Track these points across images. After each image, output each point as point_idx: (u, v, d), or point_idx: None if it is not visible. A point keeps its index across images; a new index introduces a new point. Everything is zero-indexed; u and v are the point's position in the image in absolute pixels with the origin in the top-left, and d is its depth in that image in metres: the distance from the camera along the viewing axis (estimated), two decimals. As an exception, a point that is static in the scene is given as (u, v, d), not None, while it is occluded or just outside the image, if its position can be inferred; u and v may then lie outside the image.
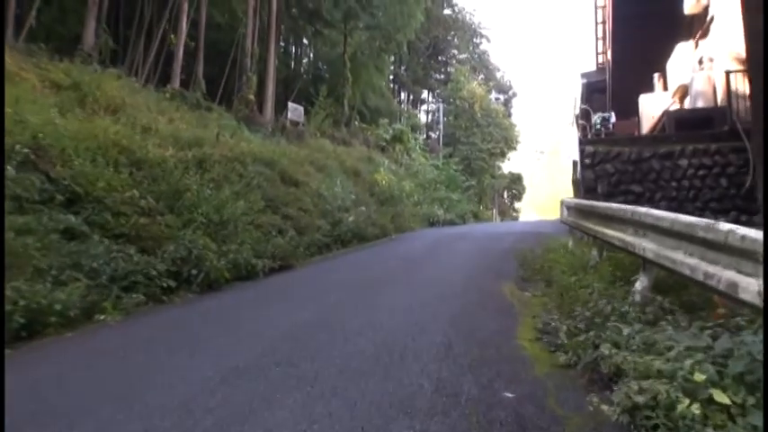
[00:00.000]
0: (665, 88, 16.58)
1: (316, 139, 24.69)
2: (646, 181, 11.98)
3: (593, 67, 24.03)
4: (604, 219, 7.12)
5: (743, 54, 12.61)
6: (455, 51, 65.78)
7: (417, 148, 40.74)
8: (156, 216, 10.01)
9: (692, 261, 4.49)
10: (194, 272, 9.23)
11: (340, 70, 35.49)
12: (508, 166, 66.95)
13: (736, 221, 10.49)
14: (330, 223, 15.97)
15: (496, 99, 65.59)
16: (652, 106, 15.92)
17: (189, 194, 11.30)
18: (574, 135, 21.35)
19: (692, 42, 15.15)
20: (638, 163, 12.06)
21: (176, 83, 21.04)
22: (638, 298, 5.52)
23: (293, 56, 43.21)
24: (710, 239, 4.21)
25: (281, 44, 38.20)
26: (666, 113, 13.41)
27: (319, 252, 14.11)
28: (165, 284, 8.61)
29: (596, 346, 4.67)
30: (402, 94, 60.53)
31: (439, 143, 49.79)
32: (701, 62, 14.39)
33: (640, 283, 5.63)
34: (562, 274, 8.09)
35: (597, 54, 23.41)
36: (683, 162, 11.85)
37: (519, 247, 13.19)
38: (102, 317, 7.20)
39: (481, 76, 63.91)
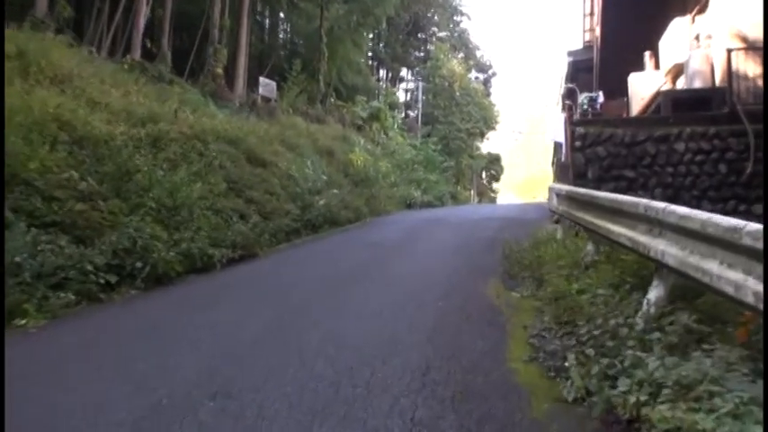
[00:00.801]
0: (657, 67, 15.65)
1: (288, 116, 23.43)
2: (640, 166, 11.09)
3: (579, 46, 23.02)
4: (608, 212, 6.14)
5: (744, 31, 11.75)
6: (435, 29, 64.52)
7: (395, 126, 39.58)
8: (98, 201, 8.84)
9: (735, 276, 3.53)
10: (139, 265, 8.15)
11: (316, 45, 34.03)
12: (486, 146, 66.31)
13: (735, 211, 9.70)
14: (300, 207, 14.89)
15: (476, 78, 64.58)
16: (643, 86, 15.01)
17: (139, 176, 10.17)
18: (558, 115, 20.45)
19: (687, 18, 14.17)
20: (632, 146, 11.14)
21: (137, 53, 19.61)
22: (652, 310, 4.58)
23: (268, 30, 41.66)
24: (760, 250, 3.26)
25: (256, 18, 36.80)
26: (662, 93, 12.51)
27: (287, 239, 13.06)
28: (103, 280, 7.53)
29: (611, 378, 3.74)
30: (380, 72, 59.19)
31: (417, 122, 48.64)
32: (697, 39, 13.47)
33: (654, 293, 4.68)
34: (554, 271, 7.15)
35: (584, 31, 22.41)
36: (680, 146, 10.96)
37: (503, 236, 12.24)
38: (22, 321, 6.13)
39: (461, 54, 62.76)
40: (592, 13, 20.99)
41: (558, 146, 26.48)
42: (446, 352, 4.76)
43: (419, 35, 63.34)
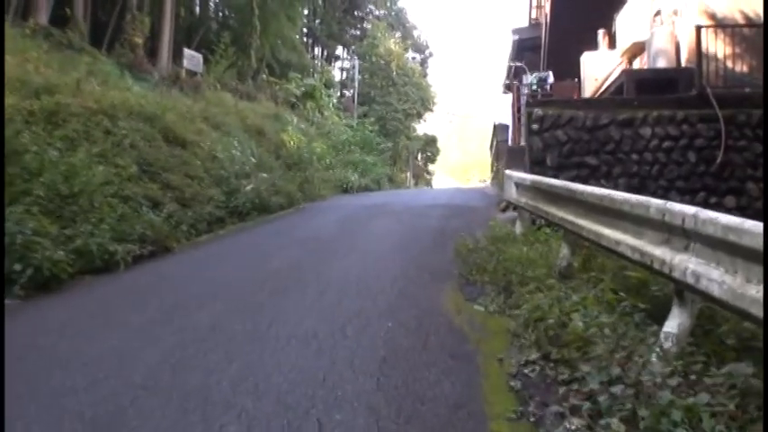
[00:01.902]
0: (612, 46, 14.89)
1: (215, 91, 21.63)
2: (603, 152, 10.17)
3: (524, 23, 22.10)
4: (598, 212, 5.05)
5: (713, 7, 10.99)
6: (372, 7, 63.19)
7: (330, 105, 38.06)
8: (-32, 188, 7.24)
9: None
10: (18, 267, 6.66)
11: (248, 18, 32.09)
12: (422, 128, 65.67)
13: (705, 203, 8.90)
14: (225, 192, 13.40)
15: (413, 59, 63.61)
16: (596, 67, 14.22)
17: (28, 158, 8.55)
18: (502, 97, 19.57)
19: (648, -8, 13.36)
20: (594, 131, 10.21)
21: (42, 18, 17.43)
22: (673, 349, 3.52)
23: (199, 1, 39.29)
24: None
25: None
26: (625, 73, 11.66)
27: (209, 229, 11.62)
28: (-36, 289, 6.03)
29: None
30: (316, 50, 57.35)
31: (354, 102, 47.19)
32: (658, 15, 12.68)
33: (675, 323, 3.64)
34: (524, 280, 6.07)
35: (531, 8, 21.49)
36: (646, 131, 10.10)
37: (452, 226, 11.21)
38: None
39: (398, 33, 61.61)
40: (540, -11, 20.13)
41: (501, 128, 25.75)
42: (404, 405, 3.57)
43: (356, 13, 61.92)
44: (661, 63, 11.41)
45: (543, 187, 6.75)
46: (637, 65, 14.02)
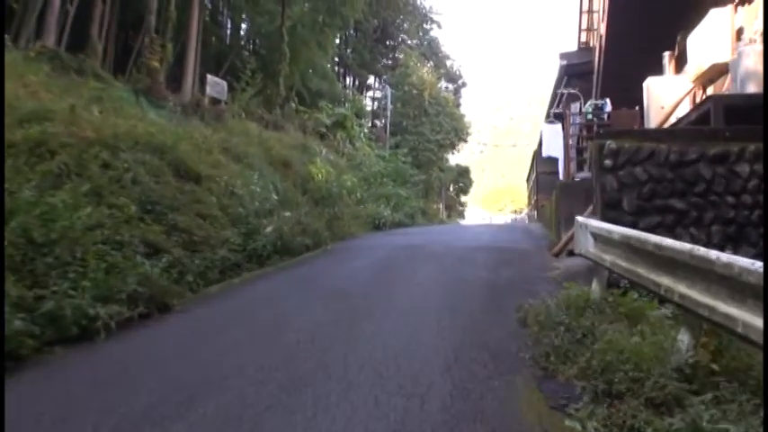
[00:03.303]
0: (678, 71, 13.08)
1: (240, 120, 20.24)
2: (691, 194, 8.36)
3: (569, 49, 20.36)
4: (754, 294, 3.27)
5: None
6: (404, 36, 62.48)
7: (362, 136, 36.63)
8: None
9: None
10: (-46, 345, 5.09)
11: (277, 45, 30.99)
12: (453, 158, 64.23)
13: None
14: (243, 234, 11.84)
15: (446, 88, 62.39)
16: (663, 93, 12.45)
17: (-2, 197, 7.06)
18: (551, 127, 17.79)
19: (728, 9, 11.57)
20: (680, 167, 8.43)
21: (50, 39, 16.22)
22: None
23: (227, 28, 38.49)
24: None
25: (215, 15, 33.71)
26: (713, 99, 9.83)
27: (222, 277, 10.03)
28: None
29: None
30: (347, 79, 56.54)
31: (386, 132, 45.78)
32: (739, 34, 10.89)
33: None
34: (632, 382, 4.26)
35: (580, 31, 19.78)
36: (743, 169, 8.29)
37: (504, 278, 9.48)
38: None
39: (431, 63, 60.50)
40: (590, 11, 18.39)
41: (542, 160, 23.95)
42: None
43: (388, 42, 61.22)
44: (751, 88, 9.63)
45: (648, 248, 4.93)
46: (710, 91, 12.24)
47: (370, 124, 51.11)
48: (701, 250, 4.04)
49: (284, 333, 6.51)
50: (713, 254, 3.86)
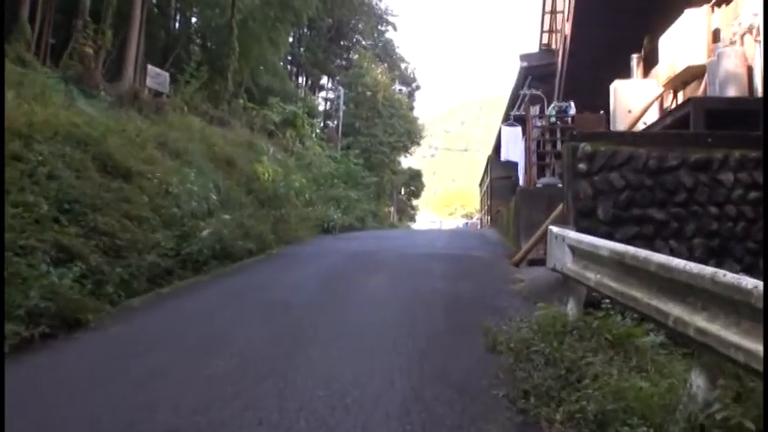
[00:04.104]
0: (646, 74, 12.54)
1: (182, 115, 18.92)
2: (671, 204, 7.69)
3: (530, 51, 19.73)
4: None
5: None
6: (359, 37, 61.71)
7: (313, 135, 35.47)
8: None
9: None
10: None
11: (227, 39, 29.64)
12: (406, 161, 63.87)
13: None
14: (177, 236, 10.74)
15: (400, 91, 61.82)
16: (631, 97, 11.86)
17: None
18: (511, 130, 17.11)
19: (704, 9, 11.00)
20: (660, 174, 7.76)
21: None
22: None
23: (175, 20, 36.85)
24: None
25: (163, 5, 32.10)
26: (693, 102, 9.21)
27: (150, 287, 8.94)
28: None
29: None
30: (300, 78, 55.32)
31: (338, 132, 44.77)
32: (716, 36, 10.36)
33: None
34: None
35: (542, 32, 19.20)
36: (727, 177, 7.67)
37: (465, 292, 8.69)
38: None
39: (385, 64, 59.84)
40: (554, 11, 17.82)
41: (497, 164, 23.35)
42: None
43: (342, 42, 60.39)
44: (731, 91, 9.08)
45: (650, 268, 4.11)
46: (681, 96, 11.74)
47: (322, 125, 50.09)
48: (729, 276, 3.25)
49: (212, 360, 5.50)
50: (747, 282, 3.06)
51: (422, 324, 6.93)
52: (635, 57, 13.24)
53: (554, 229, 6.55)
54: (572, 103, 14.71)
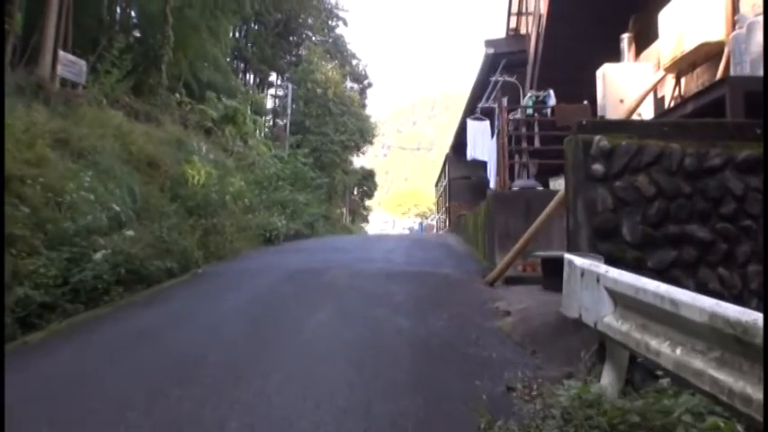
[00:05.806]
0: (637, 57, 10.76)
1: (99, 108, 16.36)
2: (716, 217, 5.72)
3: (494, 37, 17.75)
4: None
5: None
6: (308, 32, 59.52)
7: (260, 133, 32.98)
8: None
9: None
10: None
11: (161, 28, 27.02)
12: (358, 161, 62.08)
13: None
14: (66, 259, 8.42)
15: (351, 88, 59.82)
16: (623, 83, 10.05)
17: None
18: (477, 125, 15.19)
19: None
20: (699, 177, 5.76)
21: None
22: None
23: (110, 8, 33.95)
24: None
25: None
26: (730, 81, 7.31)
27: (12, 333, 6.63)
28: None
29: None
30: (247, 75, 52.67)
31: (286, 131, 42.37)
32: (735, 5, 8.59)
33: None
34: None
35: (509, 15, 17.29)
36: (787, 180, 5.74)
37: (436, 332, 6.60)
38: None
39: (336, 61, 57.77)
40: (523, -8, 15.96)
41: (456, 164, 21.44)
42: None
43: (291, 38, 58.05)
44: (761, 71, 7.26)
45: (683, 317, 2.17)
46: (684, 82, 10.00)
47: (271, 123, 47.65)
48: None
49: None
50: None
51: (381, 403, 4.77)
52: (626, 37, 11.43)
53: (576, 260, 4.50)
54: (551, 92, 12.89)
